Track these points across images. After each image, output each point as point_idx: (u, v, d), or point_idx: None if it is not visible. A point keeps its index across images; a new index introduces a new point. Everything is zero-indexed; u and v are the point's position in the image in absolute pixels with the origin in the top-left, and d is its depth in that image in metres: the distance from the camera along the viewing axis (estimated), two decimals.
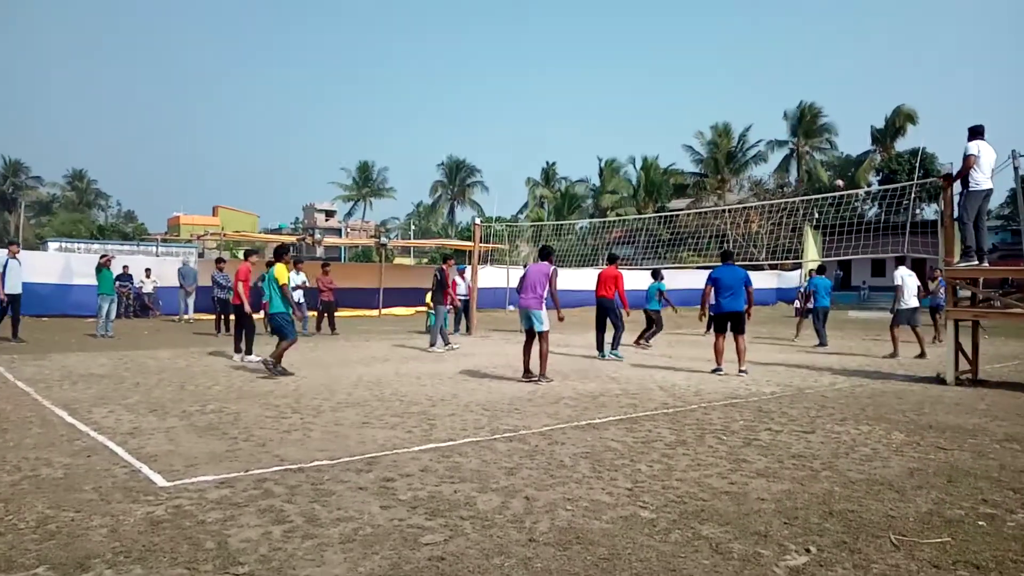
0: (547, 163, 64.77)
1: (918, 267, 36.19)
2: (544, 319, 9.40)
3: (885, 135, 50.52)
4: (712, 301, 10.80)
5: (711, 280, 10.56)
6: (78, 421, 6.48)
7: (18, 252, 14.29)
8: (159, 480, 4.65)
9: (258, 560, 3.35)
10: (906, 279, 13.48)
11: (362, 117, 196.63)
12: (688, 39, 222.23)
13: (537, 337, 9.47)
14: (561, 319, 9.77)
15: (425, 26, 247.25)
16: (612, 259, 13.10)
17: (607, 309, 12.62)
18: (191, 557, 3.38)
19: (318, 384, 8.99)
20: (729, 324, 10.41)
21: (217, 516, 3.95)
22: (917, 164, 36.18)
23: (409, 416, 6.97)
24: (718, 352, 10.43)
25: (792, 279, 36.02)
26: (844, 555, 3.51)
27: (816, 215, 30.34)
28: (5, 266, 13.65)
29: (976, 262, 9.56)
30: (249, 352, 11.28)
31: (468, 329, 18.04)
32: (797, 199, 30.98)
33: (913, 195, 21.93)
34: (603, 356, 12.41)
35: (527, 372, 9.47)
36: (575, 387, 9.02)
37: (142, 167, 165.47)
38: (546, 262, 9.63)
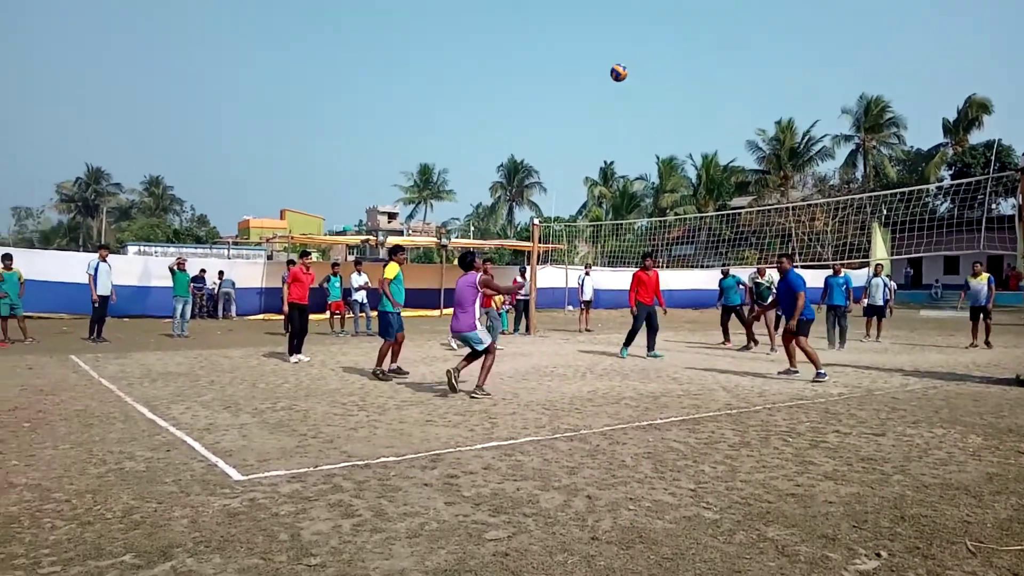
0: (605, 162, 64.44)
1: (995, 264, 34.58)
2: (482, 337, 8.15)
3: (958, 127, 48.39)
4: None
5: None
6: (158, 417, 6.80)
7: (107, 256, 15.04)
8: (234, 474, 4.85)
9: (329, 552, 3.47)
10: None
11: (423, 120, 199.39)
12: (747, 34, 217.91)
13: (483, 354, 8.24)
14: (509, 306, 9.23)
15: (484, 30, 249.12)
16: (643, 258, 12.93)
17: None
18: (266, 548, 3.52)
19: (382, 383, 9.18)
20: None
21: (289, 509, 4.10)
22: (992, 157, 34.60)
23: (471, 414, 7.07)
24: (807, 356, 9.76)
25: (860, 277, 35.00)
26: (917, 560, 3.42)
27: (884, 211, 29.33)
28: (96, 269, 14.38)
29: None
30: (298, 351, 11.59)
31: (527, 329, 18.12)
32: (864, 195, 30.04)
33: (989, 189, 21.01)
34: (650, 354, 12.53)
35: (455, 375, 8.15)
36: (636, 387, 8.97)
37: (214, 173, 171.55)
38: (471, 271, 8.30)
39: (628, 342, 12.80)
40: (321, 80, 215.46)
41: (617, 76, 14.02)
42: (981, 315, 14.95)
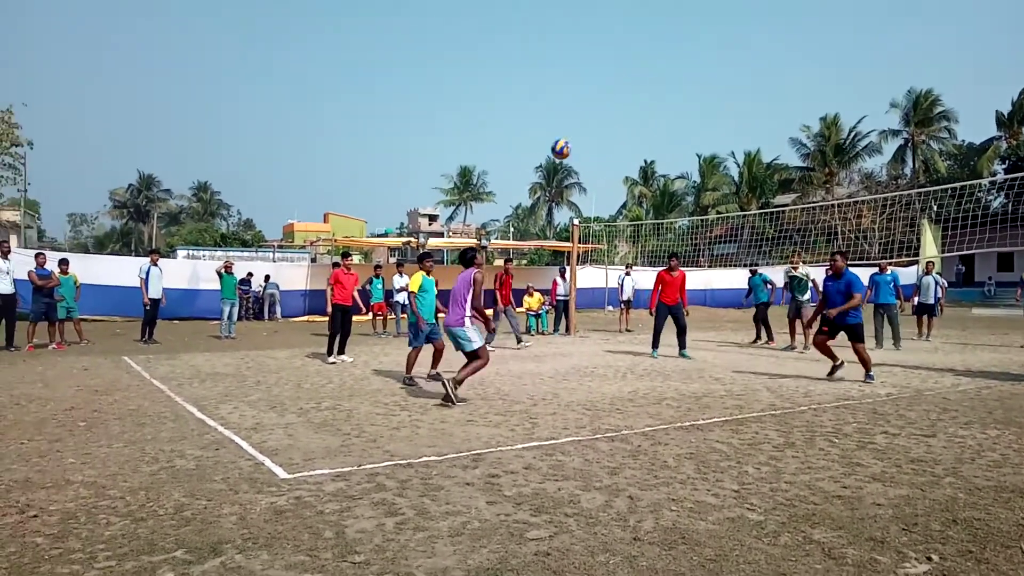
0: (645, 161, 63.95)
1: None
2: (471, 336, 7.75)
3: (1012, 120, 46.74)
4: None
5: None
6: (207, 417, 6.97)
7: (158, 260, 15.48)
8: (280, 472, 4.94)
9: (373, 550, 3.52)
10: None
11: (463, 122, 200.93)
12: (788, 30, 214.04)
13: (473, 355, 7.84)
14: (491, 331, 8.84)
15: (520, 32, 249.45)
16: (668, 259, 12.86)
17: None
18: (312, 545, 3.58)
19: (424, 382, 9.26)
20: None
21: (334, 507, 4.17)
22: None
23: (512, 414, 7.09)
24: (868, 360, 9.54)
25: (909, 275, 34.21)
26: (970, 564, 3.33)
27: (934, 207, 28.52)
28: (147, 273, 14.81)
29: None
30: (342, 351, 11.88)
31: (567, 329, 18.10)
32: (912, 191, 29.25)
33: None
34: (681, 354, 12.48)
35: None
36: (677, 388, 8.89)
37: (260, 178, 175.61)
38: (472, 268, 7.95)
39: (655, 343, 12.72)
40: (363, 84, 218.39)
41: (559, 153, 14.30)
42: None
